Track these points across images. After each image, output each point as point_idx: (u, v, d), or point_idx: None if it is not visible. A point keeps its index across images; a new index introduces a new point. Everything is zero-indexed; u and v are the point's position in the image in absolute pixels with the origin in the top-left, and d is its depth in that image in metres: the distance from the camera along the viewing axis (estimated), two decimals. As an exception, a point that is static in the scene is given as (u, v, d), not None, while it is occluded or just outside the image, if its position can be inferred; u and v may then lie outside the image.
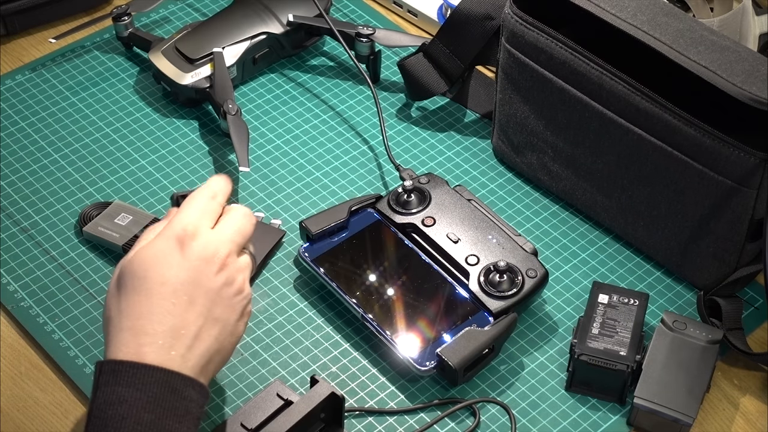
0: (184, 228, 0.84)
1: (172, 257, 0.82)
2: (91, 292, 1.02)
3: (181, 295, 0.81)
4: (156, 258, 0.82)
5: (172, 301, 0.81)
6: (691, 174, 0.96)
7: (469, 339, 0.94)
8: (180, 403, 0.78)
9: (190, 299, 0.82)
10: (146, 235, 0.86)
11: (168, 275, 0.82)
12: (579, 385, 0.96)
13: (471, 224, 1.02)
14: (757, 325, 1.01)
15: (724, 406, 0.96)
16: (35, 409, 0.94)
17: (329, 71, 1.24)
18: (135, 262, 0.83)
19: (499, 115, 1.11)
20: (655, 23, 0.96)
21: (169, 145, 1.15)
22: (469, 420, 0.94)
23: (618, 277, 1.04)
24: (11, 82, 1.21)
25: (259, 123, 1.18)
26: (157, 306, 0.81)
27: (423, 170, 1.13)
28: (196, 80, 1.15)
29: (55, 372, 0.97)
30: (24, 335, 0.99)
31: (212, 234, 0.85)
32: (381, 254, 1.02)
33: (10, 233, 1.06)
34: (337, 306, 1.01)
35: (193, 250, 0.83)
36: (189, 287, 0.82)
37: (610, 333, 0.95)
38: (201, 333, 0.82)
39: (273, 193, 1.11)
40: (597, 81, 0.99)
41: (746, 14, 1.13)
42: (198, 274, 0.83)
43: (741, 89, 0.90)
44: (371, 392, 0.95)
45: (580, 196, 1.08)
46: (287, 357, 0.98)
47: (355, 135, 1.17)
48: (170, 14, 1.29)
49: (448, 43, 1.15)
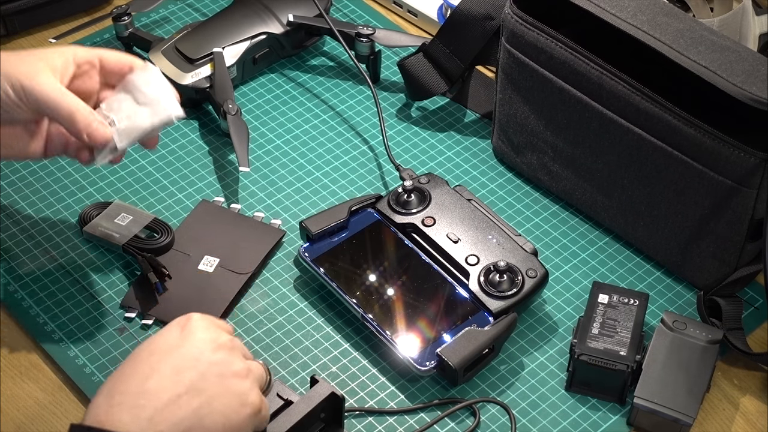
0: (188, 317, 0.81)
1: (170, 333, 0.80)
2: (91, 292, 1.02)
3: (166, 361, 0.78)
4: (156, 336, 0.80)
5: (153, 366, 0.78)
6: (691, 174, 0.96)
7: (469, 339, 0.94)
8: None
9: (175, 368, 0.78)
10: None
11: (158, 345, 0.79)
12: (579, 385, 0.96)
13: (471, 224, 1.02)
14: (757, 325, 1.01)
15: (724, 406, 0.96)
16: (35, 409, 0.94)
17: (329, 71, 1.24)
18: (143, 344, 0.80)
19: (499, 115, 1.11)
20: (655, 23, 0.96)
21: (169, 145, 1.15)
22: (469, 420, 0.94)
23: (618, 277, 1.04)
24: (11, 82, 1.21)
25: (259, 123, 1.18)
26: (138, 370, 0.78)
27: (423, 170, 1.13)
28: (196, 80, 1.15)
29: (55, 372, 0.97)
30: (24, 335, 0.99)
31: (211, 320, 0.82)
32: (381, 254, 1.02)
33: (10, 233, 1.06)
34: (337, 306, 1.01)
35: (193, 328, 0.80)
36: (176, 356, 0.78)
37: (610, 333, 0.95)
38: (179, 400, 0.76)
39: (273, 193, 1.11)
40: (597, 81, 0.99)
41: (746, 14, 1.13)
42: (190, 347, 0.79)
43: (741, 89, 0.90)
44: (371, 392, 0.95)
45: (580, 196, 1.08)
46: (287, 357, 0.98)
47: (355, 135, 1.17)
48: (170, 14, 1.29)
49: (448, 43, 1.15)
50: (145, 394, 0.76)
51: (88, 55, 0.91)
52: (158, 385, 0.76)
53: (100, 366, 0.96)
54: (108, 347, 0.98)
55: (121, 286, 1.02)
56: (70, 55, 0.90)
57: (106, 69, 0.92)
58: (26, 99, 0.88)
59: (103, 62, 0.92)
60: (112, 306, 1.01)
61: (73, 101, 0.89)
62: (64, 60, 0.90)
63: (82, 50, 0.92)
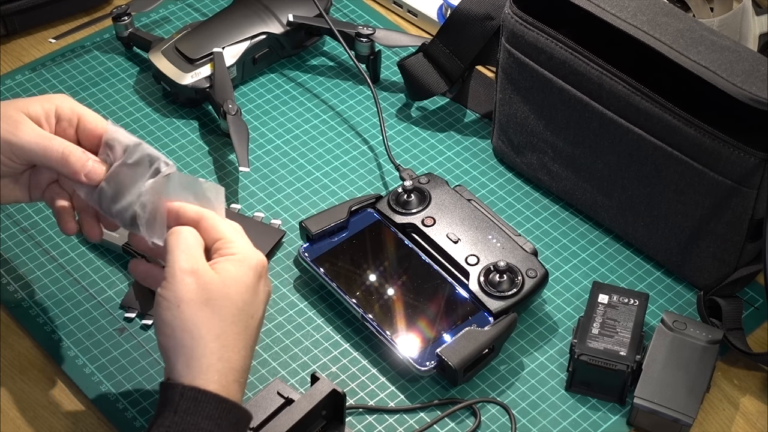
0: (262, 263, 0.83)
1: (257, 292, 0.82)
2: (91, 292, 1.02)
3: (257, 334, 0.82)
4: (248, 290, 0.82)
5: (255, 338, 0.82)
6: (691, 174, 0.96)
7: (469, 339, 0.94)
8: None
9: (257, 337, 0.83)
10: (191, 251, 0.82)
11: (255, 311, 0.82)
12: (579, 385, 0.96)
13: (471, 224, 1.02)
14: (757, 325, 1.01)
15: (724, 406, 0.96)
16: (35, 409, 0.94)
17: (329, 71, 1.24)
18: (230, 287, 0.81)
19: (499, 115, 1.11)
20: (655, 23, 0.96)
21: (169, 145, 1.15)
22: (470, 420, 0.94)
23: (618, 277, 1.04)
24: (11, 82, 1.21)
25: (259, 123, 1.18)
26: (249, 344, 0.81)
27: (423, 170, 1.13)
28: (196, 80, 1.15)
29: (55, 372, 0.97)
30: (24, 335, 0.99)
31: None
32: (381, 254, 1.02)
33: (10, 233, 1.06)
34: (337, 306, 1.01)
35: (267, 286, 0.84)
36: (260, 325, 0.83)
37: (610, 333, 0.95)
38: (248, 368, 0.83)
39: (273, 193, 1.11)
40: (597, 81, 0.99)
41: (746, 14, 1.13)
42: (264, 312, 0.84)
43: (741, 89, 0.90)
44: (371, 392, 0.95)
45: (580, 196, 1.08)
46: (287, 357, 0.98)
47: (355, 135, 1.17)
48: (170, 14, 1.29)
49: (448, 43, 1.15)
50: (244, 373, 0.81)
51: (70, 112, 0.88)
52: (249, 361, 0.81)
53: (100, 366, 0.96)
54: (108, 347, 0.98)
55: (121, 286, 1.02)
56: (53, 105, 0.88)
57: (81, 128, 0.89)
58: (13, 154, 0.86)
59: (81, 121, 0.89)
60: (112, 306, 1.01)
61: (63, 143, 0.86)
62: (45, 110, 0.87)
63: (66, 103, 0.89)
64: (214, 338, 0.79)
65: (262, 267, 0.83)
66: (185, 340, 0.78)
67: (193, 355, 0.78)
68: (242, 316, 0.80)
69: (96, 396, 0.94)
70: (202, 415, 0.76)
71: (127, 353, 0.97)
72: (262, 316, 0.83)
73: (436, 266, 1.01)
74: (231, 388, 0.79)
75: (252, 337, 0.82)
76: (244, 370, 0.81)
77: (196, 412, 0.76)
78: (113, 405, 0.94)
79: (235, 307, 0.80)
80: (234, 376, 0.79)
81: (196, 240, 0.82)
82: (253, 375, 0.96)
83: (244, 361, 0.80)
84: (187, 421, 0.76)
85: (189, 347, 0.78)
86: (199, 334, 0.78)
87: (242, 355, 0.80)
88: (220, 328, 0.79)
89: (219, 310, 0.79)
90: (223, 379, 0.78)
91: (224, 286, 0.80)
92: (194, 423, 0.76)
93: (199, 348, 0.78)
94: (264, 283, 0.83)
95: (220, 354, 0.79)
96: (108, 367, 0.96)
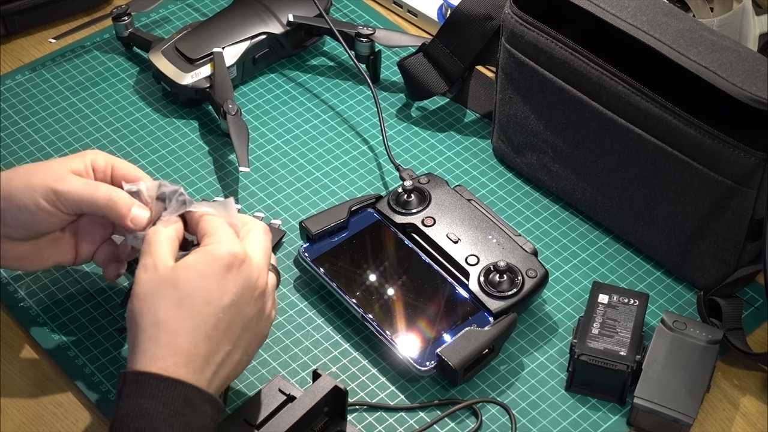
0: (233, 253, 0.83)
1: (219, 281, 0.82)
2: (91, 292, 1.02)
3: (222, 320, 0.82)
4: (204, 277, 0.82)
5: (213, 324, 0.81)
6: (691, 174, 0.96)
7: (469, 339, 0.94)
8: (197, 418, 0.79)
9: (228, 325, 0.83)
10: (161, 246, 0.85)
11: (213, 297, 0.82)
12: (579, 385, 0.96)
13: (471, 224, 1.02)
14: (757, 325, 1.01)
15: (724, 406, 0.96)
16: (35, 409, 0.94)
17: (329, 71, 1.24)
18: (179, 276, 0.82)
19: (499, 115, 1.11)
20: (655, 23, 0.96)
21: (169, 145, 1.15)
22: (470, 420, 0.94)
23: (618, 277, 1.04)
24: (11, 82, 1.21)
25: (259, 123, 1.18)
26: (199, 328, 0.81)
27: (423, 170, 1.13)
28: (196, 80, 1.15)
29: (55, 372, 0.97)
30: (24, 335, 0.99)
31: (253, 260, 0.85)
32: (381, 254, 1.02)
33: (10, 233, 1.06)
34: (337, 306, 1.01)
35: (239, 276, 0.83)
36: (229, 313, 0.83)
37: (610, 333, 0.95)
38: (226, 359, 0.83)
39: (273, 193, 1.11)
40: (597, 81, 0.99)
41: (746, 14, 1.13)
42: (239, 301, 0.83)
43: (741, 89, 0.90)
44: (371, 392, 0.95)
45: (580, 196, 1.08)
46: (287, 357, 0.98)
47: (355, 135, 1.17)
48: (170, 14, 1.29)
49: (448, 43, 1.15)
50: (205, 358, 0.81)
51: (104, 164, 0.92)
52: (215, 347, 0.82)
53: (100, 366, 0.96)
54: (108, 347, 0.98)
55: (121, 286, 1.02)
56: (89, 159, 0.91)
57: (115, 177, 0.92)
58: (61, 203, 0.88)
59: (114, 170, 0.92)
60: (112, 306, 1.01)
61: (109, 188, 0.89)
62: (84, 162, 0.91)
63: (99, 156, 0.92)
64: (152, 324, 0.81)
65: (233, 257, 0.83)
66: (131, 333, 0.82)
67: (134, 343, 0.81)
68: (189, 301, 0.81)
69: (96, 396, 0.94)
70: (144, 396, 0.78)
71: (127, 353, 0.97)
72: (232, 305, 0.82)
73: (436, 266, 1.01)
74: (178, 371, 0.79)
75: (208, 323, 0.81)
76: (197, 355, 0.80)
77: (138, 393, 0.78)
78: (113, 405, 0.94)
79: (181, 292, 0.81)
80: (180, 359, 0.79)
81: (165, 237, 0.85)
82: (253, 375, 0.96)
83: (195, 345, 0.80)
84: (130, 403, 0.78)
85: (132, 337, 0.82)
86: (139, 322, 0.81)
87: (190, 338, 0.80)
88: (164, 313, 0.81)
89: (161, 298, 0.81)
90: (164, 362, 0.79)
91: (173, 274, 0.82)
92: (137, 405, 0.77)
93: (139, 336, 0.81)
94: (235, 273, 0.83)
95: (157, 338, 0.80)
96: (108, 367, 0.96)
